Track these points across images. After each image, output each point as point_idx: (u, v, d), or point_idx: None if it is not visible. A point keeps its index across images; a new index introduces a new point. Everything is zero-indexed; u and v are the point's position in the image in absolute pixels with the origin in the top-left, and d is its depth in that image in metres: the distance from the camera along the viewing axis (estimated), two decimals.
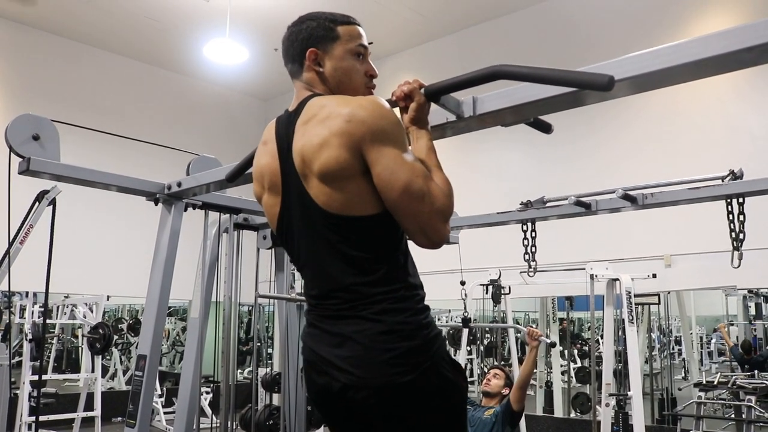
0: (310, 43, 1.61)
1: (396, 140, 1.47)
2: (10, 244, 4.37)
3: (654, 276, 6.35)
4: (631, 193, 2.90)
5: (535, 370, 9.41)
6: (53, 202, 4.58)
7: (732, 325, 9.67)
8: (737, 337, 8.82)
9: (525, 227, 3.18)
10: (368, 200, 1.48)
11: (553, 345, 3.54)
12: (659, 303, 7.75)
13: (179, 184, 2.62)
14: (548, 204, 3.10)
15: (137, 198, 2.83)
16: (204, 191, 2.64)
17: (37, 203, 4.77)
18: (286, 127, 1.60)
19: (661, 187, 2.98)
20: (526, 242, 3.16)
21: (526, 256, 3.14)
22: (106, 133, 3.49)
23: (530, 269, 3.10)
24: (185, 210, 2.77)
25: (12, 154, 2.45)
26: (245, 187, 3.00)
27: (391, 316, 1.48)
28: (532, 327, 3.74)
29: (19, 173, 2.47)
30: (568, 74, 1.41)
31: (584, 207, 2.97)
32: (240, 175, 2.05)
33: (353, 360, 1.48)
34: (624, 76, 1.44)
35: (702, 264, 6.78)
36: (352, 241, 1.51)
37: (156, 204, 2.74)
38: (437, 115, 1.71)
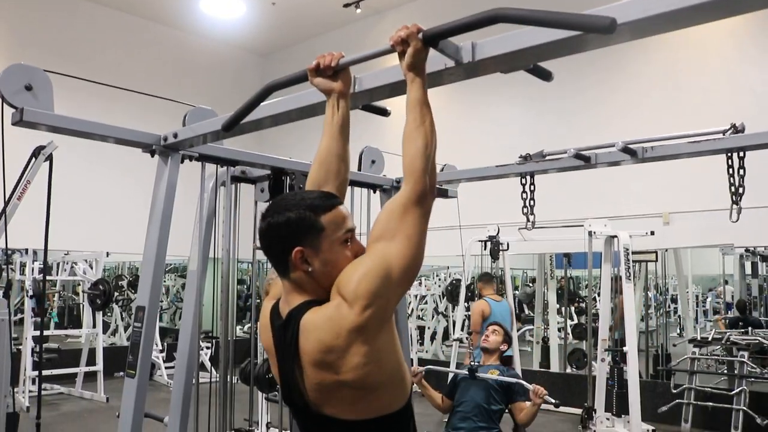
0: (294, 241, 1.46)
1: (358, 295, 1.39)
2: (6, 202, 4.35)
3: (652, 233, 6.37)
4: (632, 146, 2.87)
5: (531, 326, 9.53)
6: (50, 158, 4.55)
7: (727, 284, 9.74)
8: (732, 296, 8.89)
9: (524, 180, 3.16)
10: (356, 407, 1.46)
11: (557, 406, 3.44)
12: (656, 260, 7.78)
13: (175, 135, 2.60)
14: (547, 157, 3.08)
15: (135, 154, 2.80)
16: (200, 142, 2.62)
17: (33, 159, 4.74)
18: (285, 345, 1.49)
19: (661, 140, 2.96)
20: (524, 196, 3.14)
21: (525, 210, 3.13)
22: (100, 84, 3.43)
23: (528, 222, 3.09)
24: (182, 162, 2.75)
25: (4, 105, 2.41)
26: (243, 138, 2.97)
27: None
28: (537, 386, 3.62)
29: (13, 124, 2.43)
30: (570, 17, 1.38)
31: (584, 160, 2.95)
32: (236, 123, 2.02)
33: None
34: (626, 19, 1.41)
35: (700, 222, 6.79)
36: None
37: (152, 156, 2.71)
38: (435, 61, 1.67)
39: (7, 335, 4.42)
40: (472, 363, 3.96)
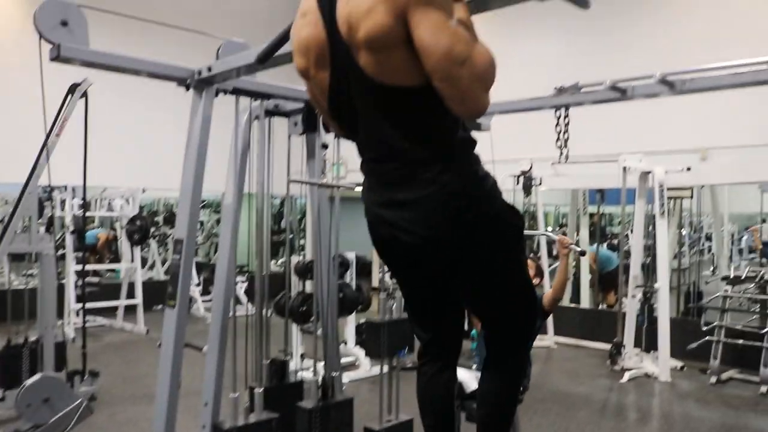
0: None
1: (440, 4, 1.43)
2: (47, 136, 4.42)
3: (688, 169, 6.25)
4: (670, 78, 2.80)
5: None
6: (85, 95, 4.60)
7: (765, 222, 9.57)
8: None
9: (558, 113, 3.12)
10: (415, 70, 1.47)
11: (582, 254, 3.46)
12: (692, 197, 7.68)
13: (209, 69, 2.60)
14: (583, 89, 3.02)
15: (170, 89, 2.81)
16: (234, 75, 2.62)
17: (69, 96, 4.79)
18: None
19: (700, 71, 2.87)
20: (558, 129, 3.11)
21: (559, 143, 3.10)
22: (132, 17, 3.42)
23: (561, 155, 3.06)
24: (216, 95, 2.76)
25: (41, 41, 2.44)
26: (276, 72, 2.96)
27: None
28: (562, 235, 3.65)
29: (51, 60, 2.46)
30: None
31: (620, 92, 2.89)
32: (271, 55, 2.02)
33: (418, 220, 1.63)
34: None
35: (739, 158, 6.61)
36: (403, 110, 1.56)
37: (187, 90, 2.73)
38: None
39: (53, 269, 4.58)
40: None
